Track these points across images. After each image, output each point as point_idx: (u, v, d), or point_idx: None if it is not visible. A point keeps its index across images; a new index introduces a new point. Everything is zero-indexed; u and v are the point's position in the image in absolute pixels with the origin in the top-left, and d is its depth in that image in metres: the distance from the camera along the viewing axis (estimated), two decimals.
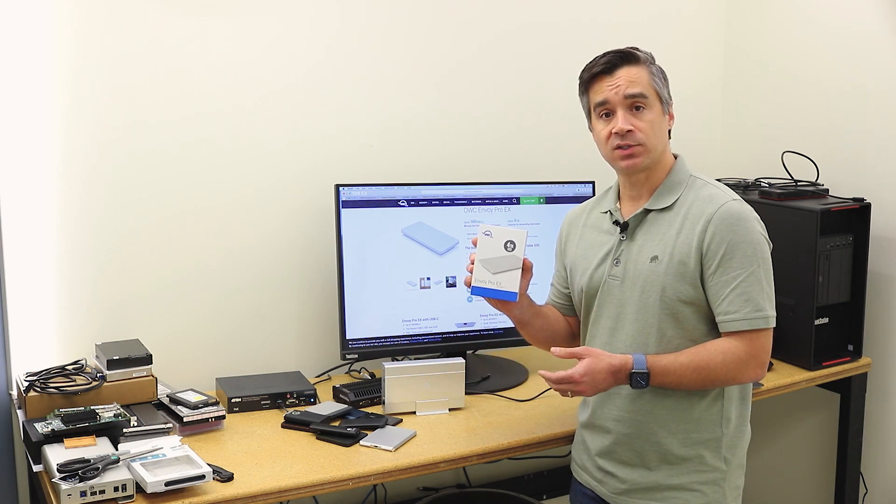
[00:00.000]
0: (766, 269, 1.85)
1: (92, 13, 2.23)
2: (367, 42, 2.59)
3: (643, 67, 1.89)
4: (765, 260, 1.85)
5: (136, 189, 2.34)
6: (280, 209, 2.52)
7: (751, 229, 1.84)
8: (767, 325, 1.84)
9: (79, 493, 1.71)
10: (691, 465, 1.89)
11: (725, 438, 1.90)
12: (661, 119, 1.89)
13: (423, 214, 2.50)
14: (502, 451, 2.09)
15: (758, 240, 1.84)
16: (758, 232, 1.85)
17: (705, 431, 1.89)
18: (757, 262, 1.83)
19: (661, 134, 1.90)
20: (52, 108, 2.22)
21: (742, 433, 1.95)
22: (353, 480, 1.93)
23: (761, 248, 1.85)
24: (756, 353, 1.84)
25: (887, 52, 2.65)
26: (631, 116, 1.87)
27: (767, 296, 1.85)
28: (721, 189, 1.91)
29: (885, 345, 2.72)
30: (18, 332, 2.25)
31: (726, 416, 1.91)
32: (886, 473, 2.77)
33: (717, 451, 1.90)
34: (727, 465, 1.91)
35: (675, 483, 1.89)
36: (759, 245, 1.84)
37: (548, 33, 2.85)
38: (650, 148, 1.88)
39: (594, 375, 1.81)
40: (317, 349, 2.59)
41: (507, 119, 2.82)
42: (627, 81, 1.87)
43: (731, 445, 1.92)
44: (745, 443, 1.96)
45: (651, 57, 1.93)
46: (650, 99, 1.87)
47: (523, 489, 2.75)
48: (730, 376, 1.85)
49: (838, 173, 2.75)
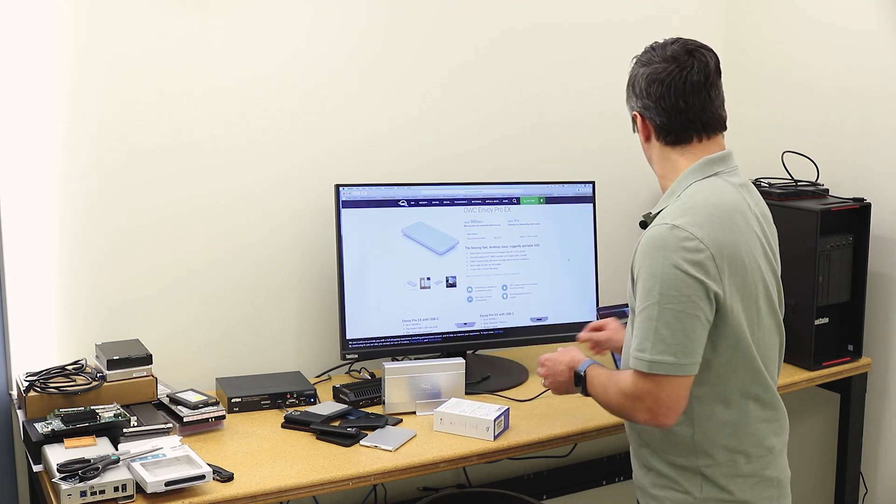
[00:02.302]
0: (665, 307, 1.63)
1: (92, 13, 2.23)
2: (367, 42, 2.59)
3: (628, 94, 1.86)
4: (665, 297, 1.63)
5: (136, 189, 2.34)
6: (280, 209, 2.52)
7: (658, 261, 1.64)
8: (642, 369, 1.66)
9: (79, 493, 1.71)
10: (667, 481, 1.81)
11: (707, 469, 1.77)
12: (640, 140, 1.86)
13: (423, 214, 2.50)
14: (502, 451, 2.09)
15: (662, 273, 1.63)
16: (666, 265, 1.63)
17: (681, 457, 1.79)
18: (654, 298, 1.64)
19: (645, 154, 1.86)
20: (52, 108, 2.22)
21: (734, 468, 1.77)
22: (353, 480, 1.93)
23: (663, 282, 1.63)
24: (640, 395, 1.68)
25: (887, 52, 2.65)
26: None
27: (657, 339, 1.64)
28: (678, 209, 1.71)
29: (885, 345, 2.72)
30: (18, 332, 2.25)
31: (700, 447, 1.76)
32: (886, 473, 2.77)
33: (694, 478, 1.78)
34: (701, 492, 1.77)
35: (656, 494, 1.84)
36: (664, 279, 1.63)
37: (548, 33, 2.85)
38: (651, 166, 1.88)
39: (555, 366, 1.94)
40: (317, 349, 2.59)
41: (507, 119, 2.82)
42: None
43: (715, 476, 1.76)
44: (743, 482, 1.78)
45: (634, 69, 1.83)
46: (635, 125, 1.86)
47: (523, 489, 2.75)
48: (622, 411, 1.77)
49: (838, 173, 2.75)
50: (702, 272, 1.64)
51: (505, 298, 2.58)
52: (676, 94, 1.76)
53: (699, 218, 1.68)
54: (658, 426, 1.72)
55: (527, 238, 2.59)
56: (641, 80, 1.78)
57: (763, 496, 1.79)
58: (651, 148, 1.84)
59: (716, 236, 1.67)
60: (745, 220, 1.74)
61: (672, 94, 1.76)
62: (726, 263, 1.67)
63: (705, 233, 1.66)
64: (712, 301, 1.66)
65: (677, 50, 1.78)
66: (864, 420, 2.73)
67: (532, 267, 2.59)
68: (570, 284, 2.63)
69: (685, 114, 1.77)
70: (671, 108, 1.77)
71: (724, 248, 1.67)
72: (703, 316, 1.65)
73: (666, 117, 1.78)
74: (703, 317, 1.65)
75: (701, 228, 1.66)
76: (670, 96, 1.76)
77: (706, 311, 1.65)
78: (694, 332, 1.64)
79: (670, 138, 1.80)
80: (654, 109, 1.78)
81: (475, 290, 2.55)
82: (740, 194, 1.78)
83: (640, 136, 1.85)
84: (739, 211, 1.74)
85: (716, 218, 1.69)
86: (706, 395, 1.74)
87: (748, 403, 1.77)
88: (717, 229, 1.67)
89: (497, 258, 2.57)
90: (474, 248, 2.55)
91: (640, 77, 1.79)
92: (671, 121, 1.78)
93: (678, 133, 1.79)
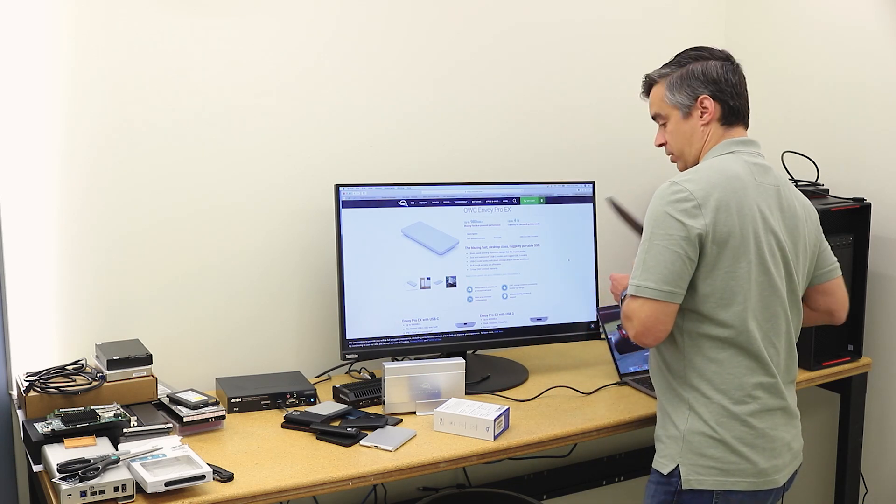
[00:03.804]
0: (654, 242, 1.89)
1: (92, 13, 2.23)
2: (366, 42, 2.59)
3: (659, 87, 2.09)
4: (654, 234, 1.90)
5: (136, 189, 2.34)
6: (280, 209, 2.52)
7: (655, 207, 1.92)
8: (630, 292, 1.92)
9: (79, 493, 1.71)
10: (663, 418, 2.04)
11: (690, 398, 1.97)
12: (679, 126, 2.07)
13: (423, 214, 2.50)
14: (502, 451, 2.09)
15: (655, 217, 1.91)
16: (659, 211, 1.90)
17: (676, 384, 2.00)
18: (647, 236, 1.91)
19: (684, 137, 2.07)
20: (52, 108, 2.22)
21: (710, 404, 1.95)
22: (353, 480, 1.93)
23: (655, 223, 1.90)
24: (629, 314, 1.94)
25: (887, 51, 2.65)
26: (661, 131, 2.12)
27: (644, 268, 1.90)
28: (687, 173, 1.98)
29: (885, 345, 2.72)
30: (18, 332, 2.25)
31: (688, 379, 1.97)
32: (886, 473, 2.77)
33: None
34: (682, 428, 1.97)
35: (658, 433, 2.06)
36: (655, 220, 1.90)
37: (548, 33, 2.85)
38: (679, 154, 2.10)
39: (618, 284, 2.19)
40: (317, 349, 2.59)
41: (507, 119, 2.83)
42: (650, 104, 2.13)
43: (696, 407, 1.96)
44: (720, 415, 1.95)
45: (674, 67, 2.07)
46: (664, 114, 2.09)
47: (523, 489, 2.75)
48: (627, 329, 1.98)
49: (838, 173, 2.75)
50: (687, 216, 1.88)
51: (505, 298, 2.58)
52: (742, 84, 2.05)
53: (696, 177, 1.94)
54: (641, 345, 1.97)
55: (527, 238, 2.59)
56: (715, 69, 2.03)
57: (745, 442, 1.93)
58: (705, 130, 2.04)
59: (706, 190, 1.90)
60: (743, 186, 1.94)
61: (740, 83, 2.05)
62: (712, 213, 1.89)
63: (696, 187, 1.91)
64: (695, 243, 1.88)
65: (724, 51, 2.08)
66: (864, 420, 2.73)
67: (532, 267, 2.59)
68: (570, 284, 2.63)
69: (744, 101, 2.06)
70: (740, 94, 2.04)
71: (709, 200, 1.89)
72: (683, 253, 1.88)
73: (737, 101, 2.03)
74: (683, 254, 1.88)
75: (694, 184, 1.91)
76: (740, 84, 2.04)
77: (688, 250, 1.88)
78: (674, 265, 1.88)
79: (731, 119, 2.04)
80: (729, 94, 2.02)
81: (475, 290, 2.55)
82: (748, 169, 1.98)
83: (695, 120, 2.04)
84: (739, 178, 1.95)
85: (711, 178, 1.93)
86: (694, 330, 1.94)
87: (733, 348, 1.93)
88: (708, 185, 1.91)
89: (497, 258, 2.57)
90: (474, 248, 2.55)
91: (713, 68, 2.03)
92: (737, 105, 2.04)
93: (736, 116, 2.04)
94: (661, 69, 2.10)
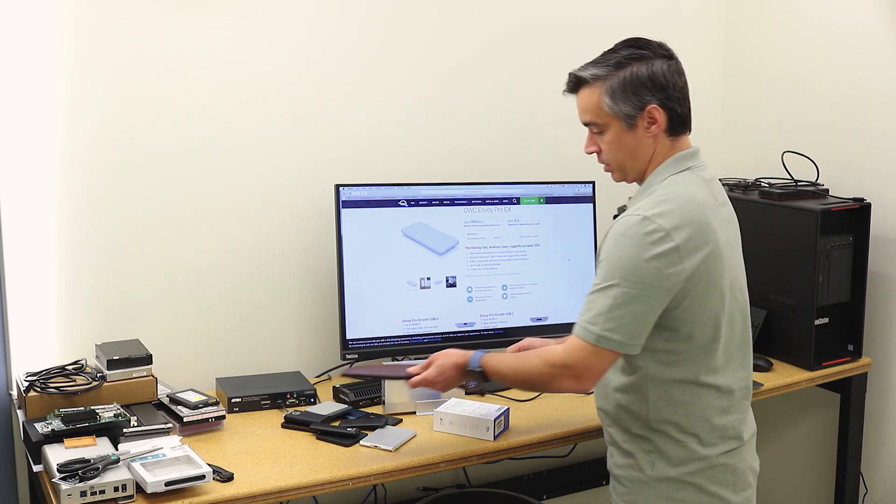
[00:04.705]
0: (624, 289, 1.67)
1: (92, 13, 2.23)
2: (366, 41, 2.59)
3: (594, 89, 1.79)
4: (626, 281, 1.67)
5: (136, 189, 2.34)
6: (280, 209, 2.52)
7: (625, 247, 1.69)
8: (588, 339, 1.70)
9: (79, 493, 1.71)
10: (628, 460, 1.85)
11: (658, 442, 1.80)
12: (621, 137, 1.80)
13: (423, 214, 2.50)
14: (502, 451, 2.09)
15: (627, 259, 1.68)
16: (633, 252, 1.68)
17: (639, 431, 1.82)
18: (615, 280, 1.68)
19: (626, 151, 1.81)
20: (52, 108, 2.22)
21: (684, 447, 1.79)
22: (353, 480, 1.93)
23: (628, 269, 1.68)
24: (572, 363, 1.73)
25: (887, 52, 2.65)
26: (595, 137, 1.85)
27: (610, 316, 1.68)
28: (652, 201, 1.73)
29: (885, 345, 2.72)
30: (18, 332, 2.25)
31: (654, 424, 1.79)
32: (886, 473, 2.77)
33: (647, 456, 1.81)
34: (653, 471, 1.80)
35: (617, 474, 1.88)
36: (628, 265, 1.68)
37: (548, 33, 2.85)
38: (617, 166, 1.85)
39: (444, 372, 1.92)
40: (317, 349, 2.59)
41: (507, 119, 2.82)
42: (580, 109, 1.84)
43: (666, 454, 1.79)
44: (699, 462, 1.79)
45: (611, 67, 1.78)
46: (603, 123, 1.80)
47: (523, 489, 2.75)
48: (543, 380, 1.81)
49: (838, 173, 2.75)
50: (665, 262, 1.67)
51: (505, 298, 2.58)
52: (686, 85, 1.82)
53: (670, 210, 1.71)
54: (578, 391, 1.79)
55: (527, 238, 2.60)
56: (662, 72, 1.77)
57: (716, 481, 1.79)
58: (652, 143, 1.80)
59: (685, 228, 1.69)
60: (714, 212, 1.77)
61: (685, 84, 1.81)
62: (692, 254, 1.69)
63: (673, 224, 1.69)
64: (671, 290, 1.69)
65: (662, 45, 1.81)
66: (864, 420, 2.73)
67: (532, 267, 2.59)
68: (570, 284, 2.63)
69: (688, 104, 1.83)
70: (685, 97, 1.81)
71: (691, 240, 1.69)
72: (656, 304, 1.70)
73: (683, 107, 1.81)
74: (656, 305, 1.70)
75: (670, 220, 1.69)
76: (685, 86, 1.81)
77: (661, 299, 1.70)
78: (644, 317, 1.70)
79: (678, 129, 1.82)
80: (677, 100, 1.79)
81: (475, 290, 2.55)
82: (707, 189, 1.81)
83: (640, 132, 1.79)
84: (708, 205, 1.77)
85: (686, 211, 1.71)
86: (661, 374, 1.77)
87: (703, 388, 1.77)
88: (686, 221, 1.70)
89: (497, 258, 2.57)
90: (474, 248, 2.55)
91: (659, 70, 1.77)
92: (683, 112, 1.81)
93: (683, 125, 1.82)
94: (595, 69, 1.80)
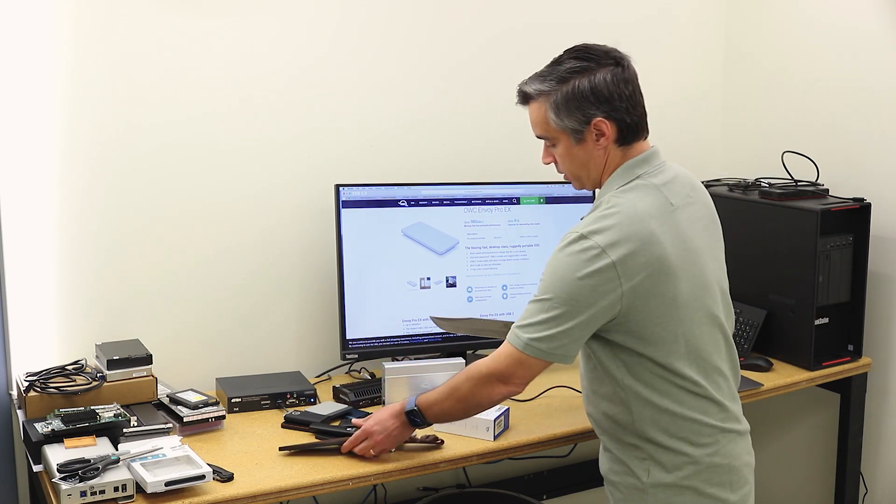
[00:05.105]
0: (556, 304, 1.69)
1: (92, 13, 2.23)
2: (366, 41, 2.59)
3: (540, 104, 1.80)
4: (563, 300, 1.69)
5: (136, 189, 2.34)
6: (280, 209, 2.52)
7: (562, 264, 1.70)
8: (516, 346, 1.73)
9: (79, 493, 1.71)
10: (622, 467, 1.84)
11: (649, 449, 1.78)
12: (571, 151, 1.80)
13: (423, 214, 2.50)
14: (502, 451, 2.09)
15: (562, 275, 1.69)
16: (569, 269, 1.69)
17: (630, 440, 1.81)
18: (549, 295, 1.71)
19: (578, 163, 1.81)
20: (52, 108, 2.22)
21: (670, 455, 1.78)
22: (353, 480, 1.93)
23: (564, 289, 1.69)
24: (499, 369, 1.77)
25: (887, 52, 2.65)
26: (548, 150, 1.86)
27: (540, 327, 1.71)
28: (594, 217, 1.73)
29: (885, 345, 2.72)
30: (18, 332, 2.25)
31: (642, 433, 1.78)
32: (886, 473, 2.77)
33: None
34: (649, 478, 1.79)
35: (613, 479, 1.87)
36: (562, 282, 1.69)
37: (547, 33, 2.84)
38: (573, 177, 1.86)
39: (383, 424, 1.94)
40: (317, 349, 2.59)
41: (507, 119, 2.79)
42: (531, 122, 1.85)
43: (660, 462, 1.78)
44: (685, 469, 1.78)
45: (554, 82, 1.77)
46: (552, 137, 1.81)
47: (523, 489, 2.75)
48: (477, 392, 1.81)
49: (838, 173, 2.75)
50: (599, 280, 1.67)
51: (505, 298, 2.58)
52: (636, 91, 1.78)
53: (610, 226, 1.69)
54: (510, 396, 1.81)
55: (527, 238, 2.60)
56: (605, 84, 1.74)
57: (712, 482, 1.78)
58: (603, 154, 1.79)
59: (623, 244, 1.68)
60: (666, 220, 1.73)
61: (634, 91, 1.77)
62: (631, 270, 1.68)
63: (610, 241, 1.67)
64: (609, 307, 1.69)
65: (609, 52, 1.78)
66: (864, 420, 2.73)
67: (532, 267, 2.59)
68: None
69: (641, 109, 1.79)
70: (636, 104, 1.78)
71: (631, 255, 1.67)
72: (590, 320, 1.70)
73: (634, 116, 1.78)
74: (590, 320, 1.70)
75: (607, 237, 1.68)
76: (634, 93, 1.77)
77: (596, 315, 1.69)
78: (575, 331, 1.70)
79: (629, 138, 1.79)
80: (624, 110, 1.76)
81: (475, 290, 2.55)
82: (661, 195, 1.77)
83: (590, 144, 1.78)
84: (656, 215, 1.73)
85: (627, 226, 1.69)
86: (636, 384, 1.76)
87: (682, 392, 1.76)
88: (626, 237, 1.68)
89: (497, 258, 2.57)
90: (474, 248, 2.55)
91: (601, 82, 1.74)
92: (634, 119, 1.78)
93: (635, 132, 1.79)
94: (539, 83, 1.80)
